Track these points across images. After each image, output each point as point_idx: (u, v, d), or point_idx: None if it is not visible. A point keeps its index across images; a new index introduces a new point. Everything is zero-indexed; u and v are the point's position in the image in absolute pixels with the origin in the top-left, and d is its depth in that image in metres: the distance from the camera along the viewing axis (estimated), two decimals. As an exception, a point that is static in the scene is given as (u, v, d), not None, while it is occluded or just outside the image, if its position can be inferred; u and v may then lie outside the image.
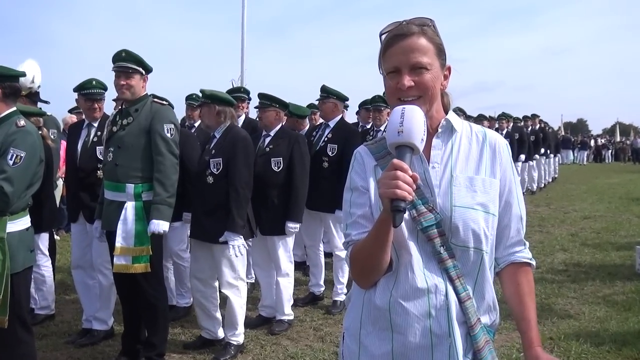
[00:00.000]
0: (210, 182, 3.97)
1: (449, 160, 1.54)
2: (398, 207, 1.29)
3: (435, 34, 1.53)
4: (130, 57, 3.76)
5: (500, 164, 1.57)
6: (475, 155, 1.56)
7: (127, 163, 3.68)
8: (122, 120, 3.77)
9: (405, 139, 1.36)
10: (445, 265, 1.48)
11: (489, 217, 1.51)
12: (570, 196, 13.84)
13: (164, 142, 3.71)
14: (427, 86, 1.49)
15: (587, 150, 33.91)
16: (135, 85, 3.77)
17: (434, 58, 1.50)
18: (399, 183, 1.29)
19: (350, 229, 1.57)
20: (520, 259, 1.60)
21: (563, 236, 8.46)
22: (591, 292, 5.53)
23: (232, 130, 4.10)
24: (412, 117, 1.38)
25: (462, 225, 1.47)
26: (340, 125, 5.34)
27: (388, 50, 1.51)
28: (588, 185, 16.41)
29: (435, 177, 1.52)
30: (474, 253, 1.49)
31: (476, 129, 1.63)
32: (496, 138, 1.61)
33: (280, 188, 4.51)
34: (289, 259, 4.62)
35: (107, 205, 3.77)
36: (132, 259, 3.61)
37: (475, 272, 1.51)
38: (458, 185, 1.50)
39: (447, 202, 1.49)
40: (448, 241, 1.48)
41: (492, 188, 1.53)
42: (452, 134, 1.58)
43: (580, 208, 11.57)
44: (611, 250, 7.38)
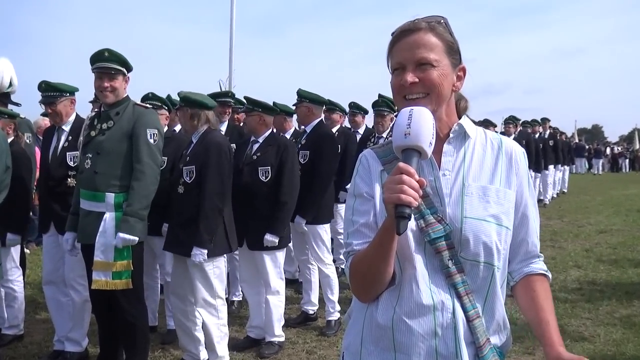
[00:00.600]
0: (182, 191, 4.00)
1: (461, 168, 1.55)
2: (402, 214, 1.30)
3: (447, 32, 1.55)
4: (114, 57, 3.79)
5: (517, 174, 1.58)
6: (489, 163, 1.58)
7: (107, 170, 3.70)
8: (102, 124, 3.79)
9: (413, 141, 1.38)
10: (453, 280, 1.48)
11: (502, 230, 1.52)
12: (584, 208, 13.91)
13: (147, 149, 3.72)
14: (433, 83, 1.50)
15: (602, 158, 34.04)
16: (119, 88, 3.80)
17: (442, 55, 1.52)
18: (404, 187, 1.30)
19: (351, 238, 1.58)
20: (536, 271, 1.62)
21: (577, 252, 8.50)
22: (607, 312, 5.56)
23: (208, 135, 4.12)
24: (421, 118, 1.39)
25: (472, 237, 1.48)
26: (314, 130, 5.38)
27: (394, 46, 1.55)
28: (604, 196, 16.50)
29: (446, 185, 1.53)
30: (485, 268, 1.50)
31: (491, 135, 1.65)
32: (513, 146, 1.63)
33: (269, 199, 4.51)
34: (279, 275, 4.62)
35: (84, 217, 3.78)
36: (112, 275, 3.61)
37: (486, 288, 1.52)
38: (470, 195, 1.52)
39: (457, 212, 1.50)
40: (457, 255, 1.49)
41: (507, 199, 1.54)
42: (465, 140, 1.60)
43: (595, 221, 11.63)
44: (629, 267, 7.43)
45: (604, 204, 14.82)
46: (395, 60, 1.54)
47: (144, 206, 3.70)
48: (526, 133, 13.22)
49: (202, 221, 3.89)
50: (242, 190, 4.36)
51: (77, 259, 4.00)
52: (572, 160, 19.23)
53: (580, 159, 31.39)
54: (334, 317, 5.17)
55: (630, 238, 9.59)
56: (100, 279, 3.62)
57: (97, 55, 3.78)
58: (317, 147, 5.19)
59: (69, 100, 4.38)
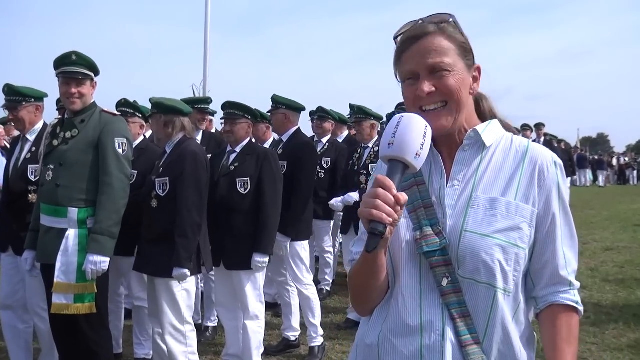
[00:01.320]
0: (155, 205, 4.01)
1: (473, 178, 1.54)
2: (374, 231, 1.31)
3: (457, 31, 1.55)
4: (82, 60, 3.81)
5: (542, 187, 1.53)
6: (506, 174, 1.55)
7: (70, 183, 3.71)
8: (65, 132, 3.80)
9: (395, 152, 1.39)
10: (447, 300, 1.47)
11: (510, 249, 1.48)
12: (589, 224, 14.06)
13: (115, 160, 3.73)
14: (451, 90, 1.50)
15: (607, 170, 34.41)
16: (87, 94, 3.82)
17: (456, 58, 1.52)
18: (377, 202, 1.31)
19: (354, 246, 1.67)
20: (563, 301, 1.57)
21: (581, 271, 8.58)
22: (614, 336, 5.64)
23: (183, 145, 4.14)
24: (408, 127, 1.39)
25: (470, 254, 1.46)
26: (292, 138, 5.43)
27: (403, 55, 1.54)
28: (610, 211, 16.68)
29: (452, 196, 1.53)
30: (485, 290, 1.47)
31: (518, 142, 1.61)
32: (541, 154, 1.57)
33: (248, 214, 4.50)
34: (259, 298, 4.61)
35: (44, 234, 3.78)
36: (74, 297, 3.61)
37: (487, 312, 1.48)
38: (476, 207, 1.50)
39: (457, 225, 1.49)
40: (455, 272, 1.48)
41: (519, 214, 1.50)
42: (484, 147, 1.57)
43: (601, 238, 11.79)
44: (637, 288, 7.53)
45: (610, 219, 15.00)
46: (406, 69, 1.53)
47: (114, 222, 3.72)
48: None
49: (179, 238, 3.90)
50: (218, 205, 4.36)
51: (40, 282, 3.97)
52: (573, 172, 18.70)
53: (584, 170, 31.67)
54: (317, 343, 5.20)
55: (638, 256, 9.71)
56: (61, 302, 3.61)
57: (64, 58, 3.79)
58: (296, 157, 5.22)
59: (33, 107, 4.40)
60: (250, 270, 4.49)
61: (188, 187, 3.97)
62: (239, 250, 4.46)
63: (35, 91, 4.43)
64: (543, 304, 1.58)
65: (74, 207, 3.69)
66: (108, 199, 3.70)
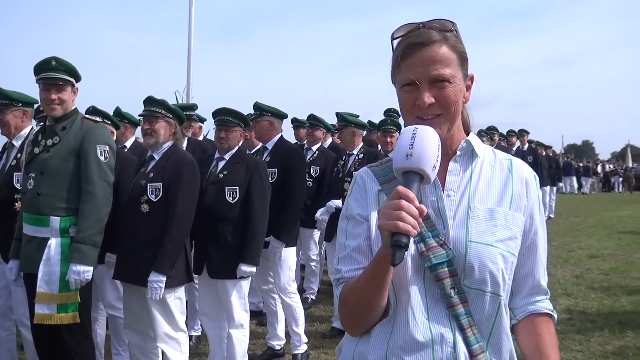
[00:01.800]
0: (146, 210, 3.98)
1: (467, 189, 1.57)
2: (399, 243, 1.28)
3: (459, 41, 1.56)
4: (62, 66, 3.79)
5: (528, 199, 1.60)
6: (498, 185, 1.59)
7: (51, 192, 3.68)
8: (47, 140, 3.78)
9: (415, 164, 1.37)
10: (455, 311, 1.48)
11: (509, 258, 1.52)
12: (575, 231, 14.16)
13: (97, 168, 3.71)
14: (450, 102, 1.51)
15: (592, 177, 34.69)
16: (68, 100, 3.80)
17: (457, 69, 1.53)
18: (402, 215, 1.29)
19: (342, 264, 1.58)
20: (542, 310, 1.63)
21: (567, 278, 8.66)
22: (599, 344, 5.68)
23: (177, 152, 4.13)
24: (425, 139, 1.38)
25: (478, 264, 1.48)
26: (279, 145, 5.46)
27: (405, 60, 1.52)
28: (595, 218, 16.80)
29: (450, 207, 1.54)
30: (491, 299, 1.50)
31: (501, 156, 1.66)
32: (524, 168, 1.64)
33: (235, 223, 4.49)
34: (244, 307, 4.60)
35: (27, 243, 3.75)
36: (58, 308, 3.58)
37: (492, 321, 1.52)
38: (476, 218, 1.52)
39: (462, 236, 1.50)
40: (460, 283, 1.49)
41: (516, 224, 1.55)
42: (473, 159, 1.61)
43: (586, 245, 11.86)
44: (622, 295, 7.59)
45: (596, 227, 15.10)
46: (407, 76, 1.52)
47: (97, 231, 3.69)
48: (503, 147, 12.80)
49: (169, 244, 3.89)
50: (205, 213, 4.35)
51: (24, 291, 3.93)
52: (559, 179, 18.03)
53: (570, 178, 31.89)
54: (301, 351, 5.20)
55: (623, 264, 9.80)
56: (44, 313, 3.59)
57: (44, 64, 3.77)
58: (287, 163, 5.24)
59: (21, 112, 4.39)
60: (236, 279, 4.48)
61: (185, 194, 3.98)
62: (225, 259, 4.45)
63: (25, 96, 4.40)
64: (523, 313, 1.63)
65: (56, 216, 3.67)
66: (91, 207, 3.67)
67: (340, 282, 1.57)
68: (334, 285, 1.63)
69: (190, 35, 12.12)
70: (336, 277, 1.59)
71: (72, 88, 3.84)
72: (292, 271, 5.36)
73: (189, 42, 12.11)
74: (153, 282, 3.84)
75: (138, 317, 4.08)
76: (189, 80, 12.03)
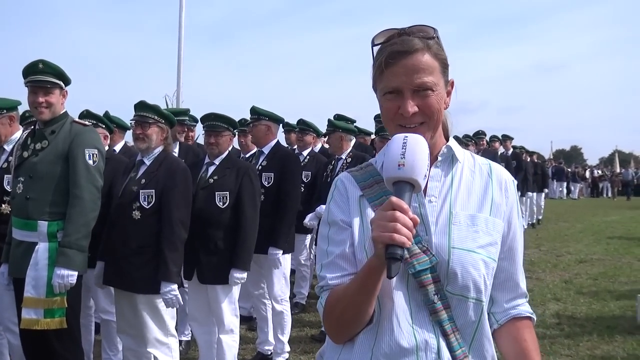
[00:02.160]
0: (137, 217, 3.96)
1: (449, 194, 1.56)
2: (394, 255, 1.27)
3: (440, 48, 1.56)
4: (49, 68, 3.76)
5: (506, 203, 1.60)
6: (478, 190, 1.59)
7: (40, 196, 3.66)
8: (35, 144, 3.76)
9: (408, 174, 1.36)
10: (438, 317, 1.48)
11: (490, 263, 1.53)
12: (563, 236, 14.25)
13: (85, 171, 3.69)
14: (433, 110, 1.51)
15: (579, 182, 34.89)
16: (56, 103, 3.77)
17: (439, 77, 1.53)
18: (397, 226, 1.28)
19: (325, 271, 1.56)
20: (523, 313, 1.64)
21: (555, 283, 8.70)
22: (587, 348, 5.71)
23: (168, 157, 4.12)
24: (416, 148, 1.38)
25: (460, 270, 1.48)
26: (275, 150, 5.45)
27: (388, 68, 1.51)
28: (584, 223, 16.92)
29: (432, 212, 1.53)
30: (474, 304, 1.51)
31: (480, 160, 1.67)
32: (502, 173, 1.65)
33: (225, 228, 4.48)
34: (234, 312, 4.59)
35: (15, 247, 3.73)
36: (44, 312, 3.55)
37: (474, 326, 1.53)
38: (458, 224, 1.52)
39: (444, 242, 1.50)
40: (443, 289, 1.49)
41: (496, 229, 1.56)
42: (454, 164, 1.62)
43: (574, 250, 11.93)
44: (610, 300, 7.65)
45: (584, 232, 15.22)
46: (390, 84, 1.51)
47: (83, 235, 3.66)
48: (489, 151, 12.65)
49: (170, 252, 3.88)
50: (195, 218, 4.33)
51: (11, 296, 3.90)
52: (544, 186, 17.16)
53: (561, 183, 32.04)
54: (282, 359, 5.24)
55: (611, 268, 9.87)
56: (31, 318, 3.56)
57: (31, 67, 3.75)
58: (283, 167, 5.23)
59: (6, 118, 4.36)
60: (227, 284, 4.48)
61: (180, 201, 3.97)
62: (215, 264, 4.44)
63: (5, 101, 4.37)
64: (504, 318, 1.64)
65: (44, 220, 3.64)
66: (78, 211, 3.65)
67: (324, 289, 1.55)
68: (317, 292, 1.60)
69: (180, 39, 12.09)
70: (320, 284, 1.57)
71: (60, 91, 3.82)
72: (286, 278, 5.36)
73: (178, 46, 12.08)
74: (166, 293, 3.85)
75: (130, 321, 4.06)
76: (178, 84, 12.02)
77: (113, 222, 4.06)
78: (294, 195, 5.24)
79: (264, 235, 4.90)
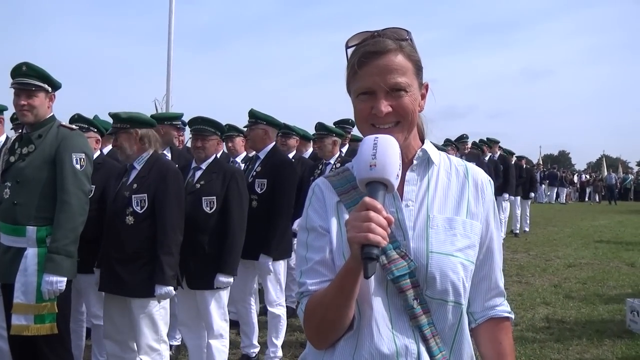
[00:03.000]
0: (131, 222, 3.93)
1: (425, 198, 1.56)
2: (370, 255, 1.27)
3: (413, 49, 1.55)
4: (33, 71, 3.73)
5: (483, 204, 1.61)
6: (455, 192, 1.59)
7: (27, 201, 3.64)
8: (22, 148, 3.73)
9: (379, 174, 1.36)
10: (418, 322, 1.48)
11: (468, 266, 1.53)
12: (552, 241, 14.30)
13: (72, 176, 3.67)
14: (407, 111, 1.51)
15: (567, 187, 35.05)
16: (39, 106, 3.74)
17: (412, 78, 1.53)
18: (371, 226, 1.27)
19: (305, 277, 1.55)
20: (501, 314, 1.65)
21: (545, 287, 8.73)
22: (577, 352, 5.72)
23: (159, 161, 4.09)
24: (387, 148, 1.38)
25: (439, 275, 1.48)
26: (271, 155, 5.39)
27: (361, 69, 1.51)
28: (572, 228, 17.00)
29: (409, 217, 1.53)
30: (453, 308, 1.51)
31: (456, 162, 1.67)
32: (478, 174, 1.65)
33: (213, 233, 4.46)
34: (223, 317, 4.57)
35: (3, 253, 3.70)
36: (35, 318, 3.52)
37: (454, 330, 1.53)
38: (435, 228, 1.52)
39: (422, 247, 1.50)
40: (422, 294, 1.49)
41: (473, 232, 1.56)
42: (429, 167, 1.62)
43: (563, 255, 11.97)
44: (599, 304, 7.67)
45: (573, 236, 15.28)
46: (363, 84, 1.51)
47: (71, 241, 3.64)
48: (475, 154, 12.46)
49: (165, 256, 3.87)
50: (183, 223, 4.32)
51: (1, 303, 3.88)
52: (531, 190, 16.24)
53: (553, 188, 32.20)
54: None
55: (600, 272, 9.92)
56: (20, 324, 3.53)
57: (15, 70, 3.73)
58: (278, 174, 5.18)
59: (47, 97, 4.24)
60: (215, 289, 4.46)
61: (173, 205, 3.96)
62: (203, 269, 4.43)
63: None
64: (482, 318, 1.65)
65: (33, 226, 3.62)
66: (65, 217, 3.62)
67: (304, 294, 1.54)
68: (297, 299, 1.59)
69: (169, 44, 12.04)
70: (300, 290, 1.57)
71: (46, 94, 3.78)
72: (281, 283, 5.35)
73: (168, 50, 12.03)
74: (160, 296, 3.85)
75: (119, 327, 4.04)
76: (168, 88, 11.98)
77: (107, 228, 4.04)
78: (287, 203, 5.19)
79: (257, 241, 4.89)
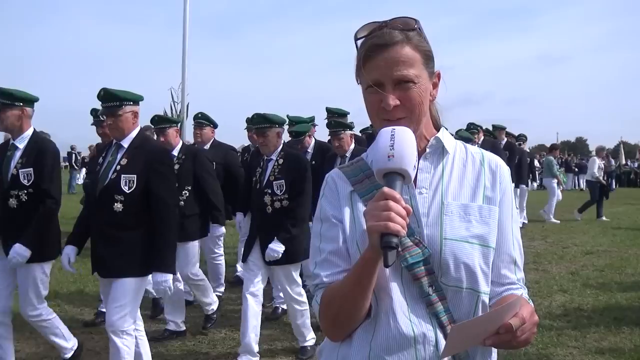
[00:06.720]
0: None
1: (439, 186, 1.56)
2: (390, 243, 1.27)
3: (422, 39, 1.54)
4: None
5: (500, 189, 1.59)
6: (471, 179, 1.59)
7: None
8: None
9: (397, 164, 1.37)
10: (434, 309, 1.48)
11: (488, 252, 1.52)
12: (569, 228, 14.20)
13: None
14: (414, 103, 1.50)
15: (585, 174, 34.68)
16: None
17: (421, 69, 1.52)
18: (391, 215, 1.28)
19: (319, 269, 1.55)
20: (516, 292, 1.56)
21: (562, 275, 8.66)
22: (594, 340, 5.68)
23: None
24: (404, 139, 1.39)
25: (453, 261, 1.47)
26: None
27: (368, 62, 1.51)
28: (589, 215, 16.83)
29: (423, 204, 1.53)
30: (468, 294, 1.50)
31: (473, 150, 1.66)
32: (496, 161, 1.65)
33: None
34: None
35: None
36: None
37: (470, 317, 1.50)
38: (450, 214, 1.51)
39: (436, 233, 1.49)
40: (437, 280, 1.48)
41: (492, 217, 1.55)
42: (444, 155, 1.61)
43: (581, 242, 11.88)
44: (617, 291, 7.60)
45: (590, 223, 15.15)
46: (371, 77, 1.51)
47: None
48: (491, 141, 12.33)
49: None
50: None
51: None
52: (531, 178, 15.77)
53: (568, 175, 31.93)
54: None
55: (618, 260, 9.82)
56: None
57: None
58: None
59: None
60: None
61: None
62: None
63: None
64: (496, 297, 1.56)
65: None
66: None
67: (319, 287, 1.55)
68: (312, 291, 1.59)
69: (185, 32, 11.97)
70: (314, 282, 1.56)
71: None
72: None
73: (183, 38, 11.95)
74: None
75: None
76: (183, 76, 11.94)
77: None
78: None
79: None
